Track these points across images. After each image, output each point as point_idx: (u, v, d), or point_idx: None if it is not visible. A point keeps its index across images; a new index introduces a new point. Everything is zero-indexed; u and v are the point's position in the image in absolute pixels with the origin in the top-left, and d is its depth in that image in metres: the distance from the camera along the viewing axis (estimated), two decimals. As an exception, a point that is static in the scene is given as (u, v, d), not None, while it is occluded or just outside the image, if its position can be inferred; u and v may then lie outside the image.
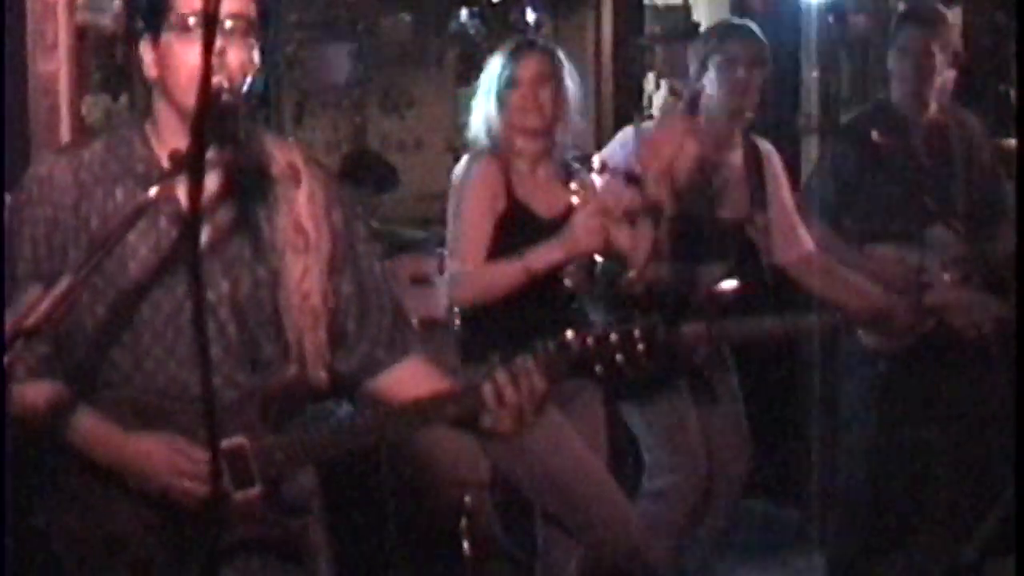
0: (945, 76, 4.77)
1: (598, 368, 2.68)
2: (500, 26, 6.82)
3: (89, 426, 2.63)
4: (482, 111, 4.14)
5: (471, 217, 4.04)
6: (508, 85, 4.10)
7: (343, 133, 6.46)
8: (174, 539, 2.62)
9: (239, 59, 2.57)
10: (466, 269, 4.02)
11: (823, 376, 5.41)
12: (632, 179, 4.18)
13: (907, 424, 4.97)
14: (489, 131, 4.12)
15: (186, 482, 2.58)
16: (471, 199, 4.05)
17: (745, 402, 4.80)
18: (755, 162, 4.64)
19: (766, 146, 4.72)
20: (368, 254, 2.83)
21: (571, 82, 4.17)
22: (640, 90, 4.83)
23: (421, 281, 5.23)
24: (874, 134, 4.59)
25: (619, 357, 2.67)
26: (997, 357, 4.84)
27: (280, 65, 6.30)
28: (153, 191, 2.46)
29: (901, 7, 5.11)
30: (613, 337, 2.67)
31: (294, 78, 6.01)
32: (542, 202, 4.09)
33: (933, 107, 4.83)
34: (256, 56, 2.62)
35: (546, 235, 3.96)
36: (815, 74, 6.47)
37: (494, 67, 4.14)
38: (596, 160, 4.28)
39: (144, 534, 2.64)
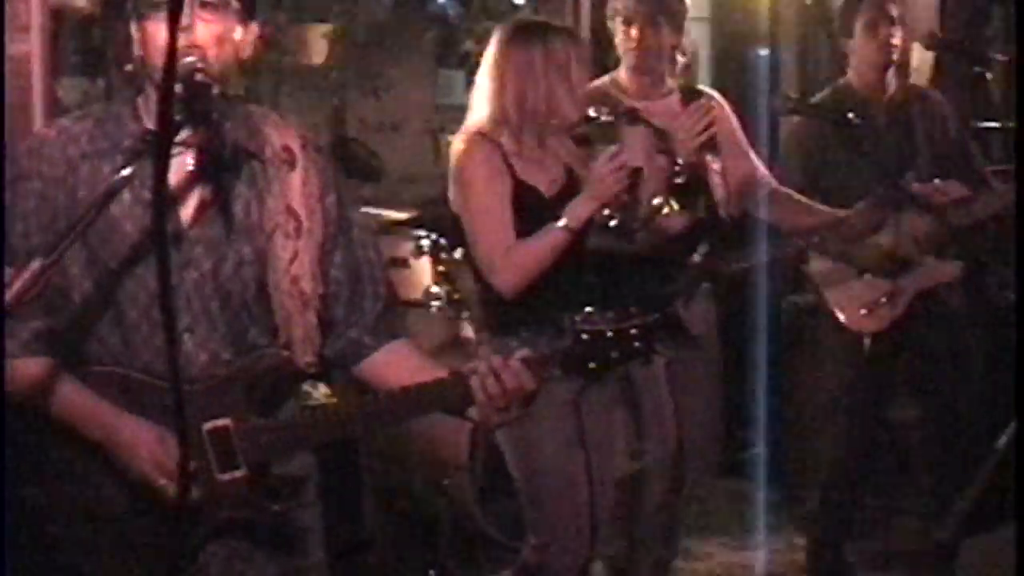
0: (907, 54, 4.74)
1: (592, 364, 2.71)
2: (478, 7, 6.81)
3: (77, 401, 2.62)
4: (483, 90, 3.99)
5: (487, 201, 3.89)
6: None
7: (321, 115, 6.42)
8: (159, 519, 2.60)
9: (215, 37, 2.56)
10: (499, 251, 3.87)
11: (802, 356, 5.41)
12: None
13: (886, 404, 4.99)
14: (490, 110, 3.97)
15: (163, 479, 2.56)
16: (480, 182, 3.90)
17: (725, 381, 4.80)
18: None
19: (710, 92, 4.69)
20: (363, 241, 2.83)
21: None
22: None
23: (398, 264, 5.23)
24: (850, 115, 4.58)
25: (615, 354, 2.70)
26: (973, 337, 4.87)
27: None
28: (126, 171, 2.47)
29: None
30: (609, 334, 2.69)
31: (271, 59, 5.96)
32: (543, 180, 3.98)
33: (893, 85, 4.83)
34: (239, 34, 2.61)
35: (550, 213, 3.87)
36: (792, 55, 6.49)
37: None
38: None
39: (129, 512, 2.64)
